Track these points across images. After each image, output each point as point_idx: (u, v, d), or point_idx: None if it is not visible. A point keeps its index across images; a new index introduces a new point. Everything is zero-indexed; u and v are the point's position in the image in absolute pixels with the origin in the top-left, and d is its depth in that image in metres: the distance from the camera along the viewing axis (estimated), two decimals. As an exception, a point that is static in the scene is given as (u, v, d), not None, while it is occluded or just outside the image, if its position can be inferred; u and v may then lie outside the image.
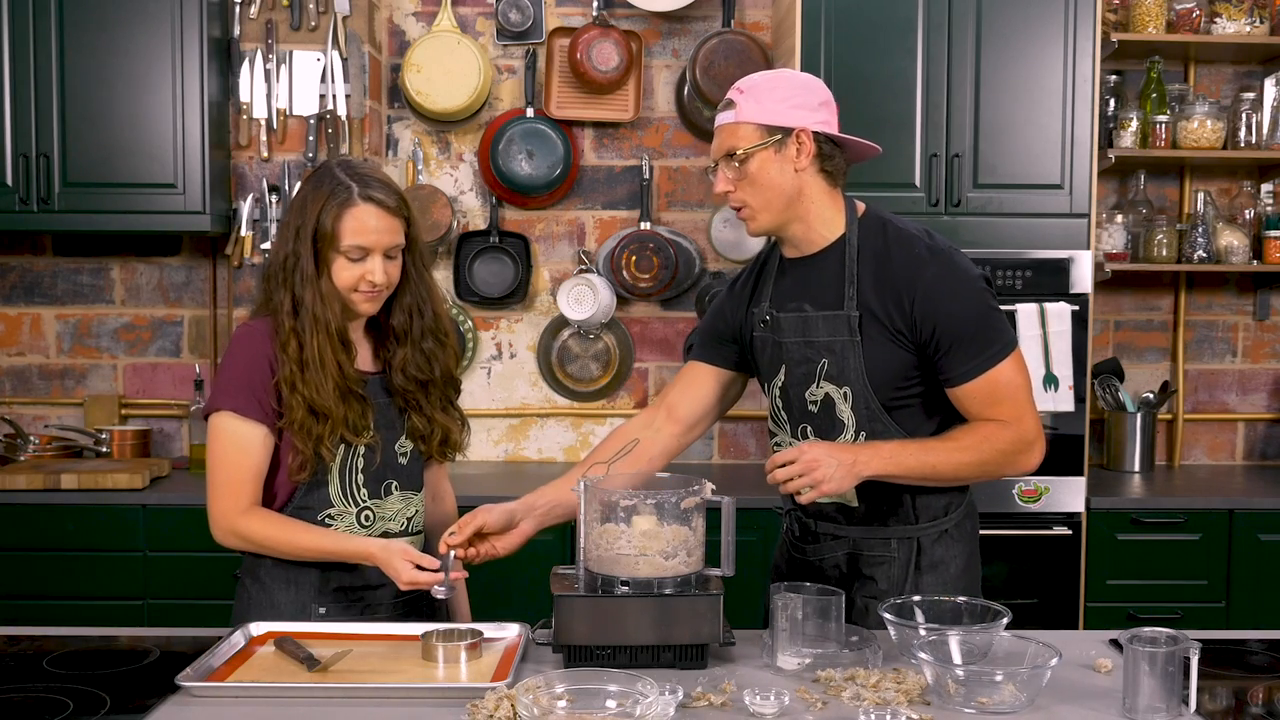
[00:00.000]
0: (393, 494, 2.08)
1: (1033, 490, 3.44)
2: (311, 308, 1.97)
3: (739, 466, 4.01)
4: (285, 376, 1.97)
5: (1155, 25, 3.66)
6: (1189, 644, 1.61)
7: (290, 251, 1.98)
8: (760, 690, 1.63)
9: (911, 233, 2.03)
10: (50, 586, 3.37)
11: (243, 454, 1.99)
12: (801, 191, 2.01)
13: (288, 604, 2.04)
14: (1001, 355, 1.97)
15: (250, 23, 3.73)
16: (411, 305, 2.08)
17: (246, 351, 2.01)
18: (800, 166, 1.99)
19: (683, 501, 1.85)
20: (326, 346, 1.97)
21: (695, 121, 3.97)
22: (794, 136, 1.98)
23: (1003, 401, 1.97)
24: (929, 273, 1.96)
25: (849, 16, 3.39)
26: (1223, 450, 4.10)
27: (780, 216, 2.02)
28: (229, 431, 1.99)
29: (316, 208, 1.97)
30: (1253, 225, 3.82)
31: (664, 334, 4.04)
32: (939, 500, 2.06)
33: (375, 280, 1.98)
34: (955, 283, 1.97)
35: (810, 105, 1.99)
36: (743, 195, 2.01)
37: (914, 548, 2.05)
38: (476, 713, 1.56)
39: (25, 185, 3.52)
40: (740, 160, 1.98)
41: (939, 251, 1.99)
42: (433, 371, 2.10)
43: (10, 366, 4.00)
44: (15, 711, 1.64)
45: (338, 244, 1.96)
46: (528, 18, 3.93)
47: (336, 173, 2.00)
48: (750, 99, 1.98)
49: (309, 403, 1.95)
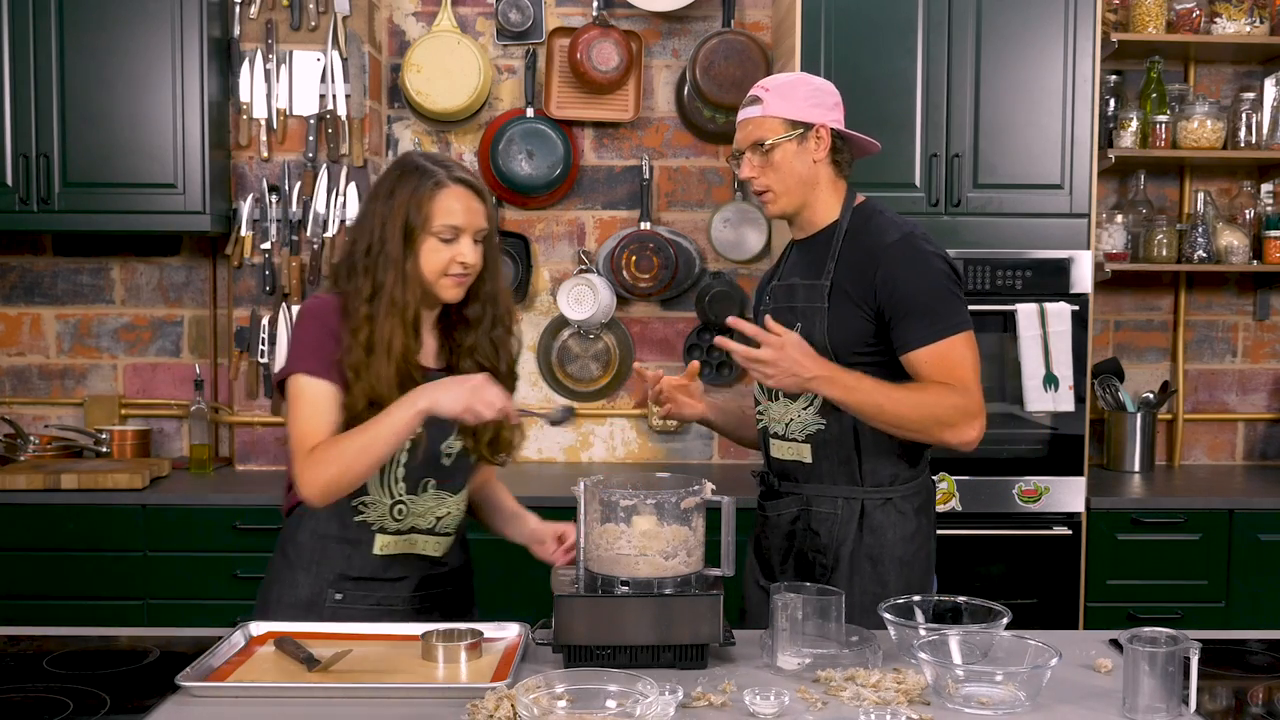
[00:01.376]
0: (428, 491, 2.07)
1: (1033, 490, 3.44)
2: (390, 291, 1.97)
3: (739, 466, 4.01)
4: (350, 362, 1.97)
5: (1155, 25, 3.66)
6: (1189, 644, 1.61)
7: (376, 239, 1.99)
8: (760, 690, 1.63)
9: (891, 220, 2.25)
10: (50, 586, 3.37)
11: (313, 409, 1.97)
12: (816, 180, 2.25)
13: (306, 584, 2.05)
14: (953, 331, 2.14)
15: (250, 23, 3.73)
16: (488, 294, 2.10)
17: (316, 320, 2.02)
18: (817, 158, 2.24)
19: (683, 501, 1.85)
20: (398, 330, 1.97)
21: (695, 121, 3.97)
22: (814, 131, 2.22)
23: (952, 371, 2.13)
24: (893, 249, 2.17)
25: (849, 16, 3.39)
26: (1223, 450, 4.10)
27: (797, 201, 2.27)
28: (303, 393, 1.98)
29: (407, 193, 1.98)
30: (1253, 225, 3.82)
31: (664, 334, 4.04)
32: (885, 469, 2.22)
33: (467, 260, 1.99)
34: (914, 259, 2.16)
35: (827, 105, 2.25)
36: (766, 180, 2.25)
37: (858, 509, 2.21)
38: (476, 713, 1.56)
39: (25, 185, 3.52)
40: (767, 150, 2.22)
41: (909, 235, 2.20)
42: (498, 360, 2.11)
43: (10, 366, 4.00)
44: (15, 711, 1.64)
45: (430, 225, 1.98)
46: (528, 18, 3.93)
47: (421, 161, 2.03)
48: (776, 96, 2.23)
49: (371, 394, 1.95)
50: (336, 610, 2.04)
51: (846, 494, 2.22)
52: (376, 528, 2.05)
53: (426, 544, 2.09)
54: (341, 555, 2.05)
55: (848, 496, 2.22)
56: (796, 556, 2.26)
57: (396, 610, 2.05)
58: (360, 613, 2.04)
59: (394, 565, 2.06)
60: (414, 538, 2.08)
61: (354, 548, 2.05)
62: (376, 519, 2.05)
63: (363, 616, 2.03)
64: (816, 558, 2.22)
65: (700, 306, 3.95)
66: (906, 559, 2.21)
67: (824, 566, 2.21)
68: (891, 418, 2.11)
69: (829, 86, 2.28)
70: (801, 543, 2.25)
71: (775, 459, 2.31)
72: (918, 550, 2.24)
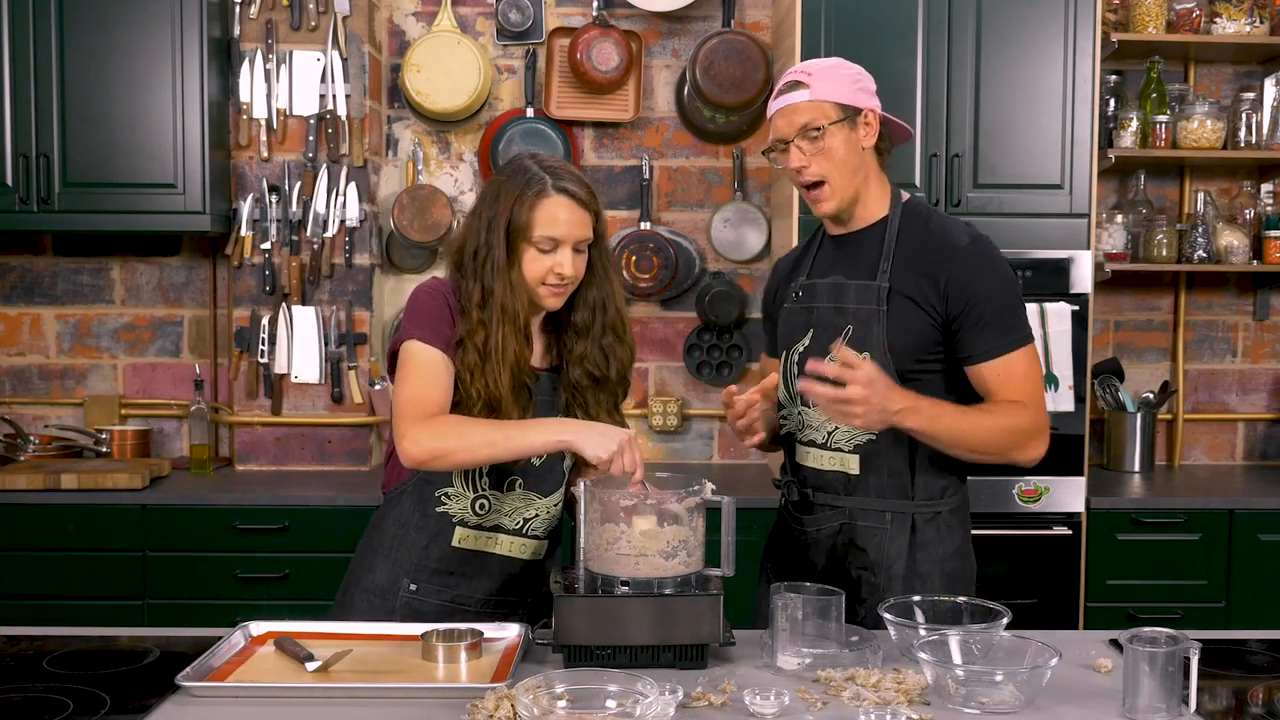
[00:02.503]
0: (515, 490, 2.06)
1: (1033, 490, 3.43)
2: (500, 298, 1.97)
3: (739, 466, 4.01)
4: (467, 364, 1.97)
5: (1155, 25, 3.66)
6: (1189, 644, 1.61)
7: (483, 242, 1.99)
8: (760, 690, 1.63)
9: (954, 221, 2.16)
10: (50, 586, 3.37)
11: (428, 374, 1.96)
12: (866, 169, 2.13)
13: (384, 570, 2.05)
14: (1022, 343, 2.05)
15: (250, 23, 3.73)
16: (596, 300, 2.07)
17: (433, 298, 2.02)
18: (866, 145, 2.11)
19: (683, 501, 1.85)
20: (511, 338, 1.97)
21: (695, 121, 3.97)
22: (863, 116, 2.10)
23: (1022, 385, 2.03)
24: (967, 252, 2.06)
25: (849, 16, 3.39)
26: (1223, 450, 4.10)
27: (850, 192, 2.12)
28: (419, 358, 1.97)
29: (511, 199, 1.97)
30: (1253, 225, 3.82)
31: (664, 334, 4.04)
32: (937, 482, 2.11)
33: (564, 273, 1.98)
34: (991, 265, 2.07)
35: (870, 90, 2.14)
36: (820, 169, 2.09)
37: (909, 524, 2.10)
38: (476, 713, 1.56)
39: (25, 185, 3.52)
40: (818, 136, 2.07)
41: (979, 238, 2.10)
42: (609, 369, 2.08)
43: (10, 366, 4.00)
44: (15, 711, 1.64)
45: (530, 234, 1.97)
46: (528, 18, 3.93)
47: (529, 165, 2.01)
48: (821, 80, 2.08)
49: (487, 396, 1.95)
50: (409, 601, 2.04)
51: (896, 508, 2.09)
52: (457, 520, 2.04)
53: (511, 545, 2.07)
54: (419, 544, 2.05)
55: (897, 511, 2.09)
56: (837, 573, 2.11)
57: (469, 611, 2.03)
58: (432, 608, 2.04)
59: (471, 561, 2.04)
60: (497, 536, 2.06)
61: (433, 538, 2.05)
62: (458, 511, 2.04)
63: (434, 613, 2.02)
64: (864, 575, 2.10)
65: (700, 306, 3.95)
66: (953, 574, 2.12)
67: (873, 585, 2.09)
68: (971, 443, 2.00)
69: (865, 71, 2.16)
70: (845, 560, 2.12)
71: (811, 469, 2.17)
72: (964, 564, 2.15)
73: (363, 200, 3.75)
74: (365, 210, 3.76)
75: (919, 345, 2.06)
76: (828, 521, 2.15)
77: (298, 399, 3.80)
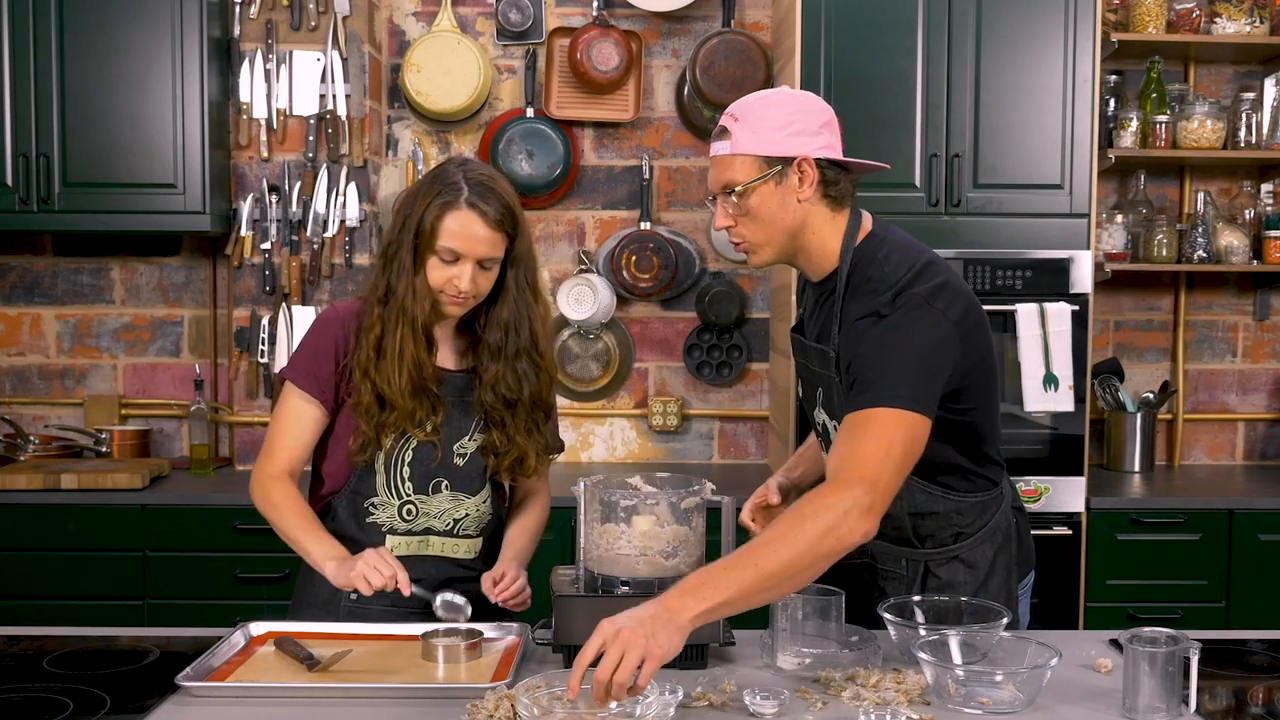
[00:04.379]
0: (442, 492, 2.06)
1: (1033, 490, 3.43)
2: (402, 299, 1.98)
3: (739, 467, 4.01)
4: (360, 360, 1.99)
5: (1155, 25, 3.66)
6: (1189, 644, 1.61)
7: (394, 240, 2.01)
8: (760, 690, 1.63)
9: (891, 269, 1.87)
10: (50, 586, 3.37)
11: (289, 421, 2.05)
12: (805, 223, 1.89)
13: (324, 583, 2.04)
14: (890, 402, 1.73)
15: (250, 23, 3.73)
16: (509, 322, 2.05)
17: (320, 335, 2.06)
18: (803, 197, 1.87)
19: (683, 501, 1.85)
20: (409, 340, 1.98)
21: (695, 121, 3.97)
22: (795, 166, 1.85)
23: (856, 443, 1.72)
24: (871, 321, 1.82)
25: (849, 16, 3.39)
26: (1223, 450, 4.10)
27: (783, 250, 1.92)
28: (284, 399, 2.07)
29: (424, 203, 1.97)
30: (1253, 225, 3.82)
31: (664, 334, 4.04)
32: (945, 530, 1.98)
33: (461, 288, 1.97)
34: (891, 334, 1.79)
35: (810, 129, 1.86)
36: (743, 231, 1.90)
37: (921, 569, 2.01)
38: (476, 713, 1.56)
39: (25, 185, 3.52)
40: (739, 195, 1.86)
41: (899, 307, 1.82)
42: (522, 392, 2.06)
43: (10, 366, 4.00)
44: (15, 711, 1.64)
45: (433, 243, 1.96)
46: (528, 18, 3.93)
47: (452, 173, 2.00)
48: (745, 128, 1.85)
49: (378, 390, 1.98)
50: (352, 610, 2.04)
51: (908, 555, 2.00)
52: (386, 529, 2.05)
53: (444, 545, 2.08)
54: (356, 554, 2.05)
55: (910, 558, 2.00)
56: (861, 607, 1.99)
57: (414, 611, 2.03)
58: (375, 613, 2.03)
59: (409, 567, 2.02)
60: (429, 539, 2.07)
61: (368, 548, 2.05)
62: (386, 520, 2.05)
63: (378, 616, 2.02)
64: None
65: (700, 306, 3.95)
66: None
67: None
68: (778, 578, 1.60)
69: (815, 103, 1.90)
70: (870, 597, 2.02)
71: None
72: (997, 592, 2.00)
73: (363, 200, 3.75)
74: (365, 210, 3.76)
75: None
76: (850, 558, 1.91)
77: (298, 399, 3.79)
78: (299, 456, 2.06)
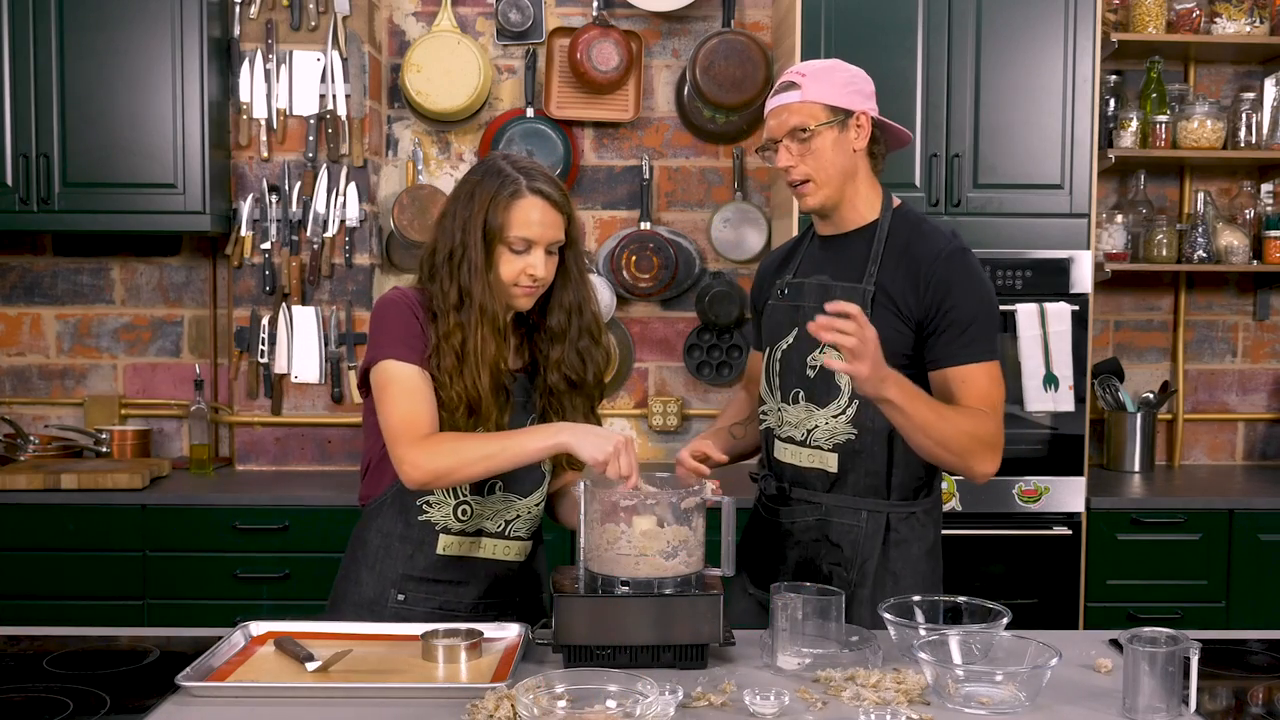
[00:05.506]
0: (495, 493, 2.06)
1: (1033, 490, 3.44)
2: (480, 299, 1.96)
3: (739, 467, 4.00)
4: (445, 367, 1.96)
5: (1155, 25, 3.66)
6: (1189, 644, 1.61)
7: (458, 244, 1.98)
8: (760, 690, 1.63)
9: (942, 229, 2.16)
10: (50, 586, 3.37)
11: (410, 392, 1.95)
12: (855, 171, 2.14)
13: (370, 583, 2.05)
14: (988, 356, 2.07)
15: (250, 23, 3.73)
16: (571, 304, 2.07)
17: (399, 310, 2.00)
18: (858, 147, 2.13)
19: (683, 501, 1.85)
20: (490, 339, 1.97)
21: (695, 121, 3.97)
22: (854, 119, 2.12)
23: (987, 396, 2.05)
24: (950, 261, 2.08)
25: (849, 16, 3.39)
26: (1223, 450, 4.10)
27: (835, 193, 2.14)
28: (394, 376, 1.96)
29: (486, 199, 1.97)
30: (1253, 225, 3.82)
31: (664, 334, 4.04)
32: (912, 481, 2.13)
33: (536, 274, 1.97)
34: (969, 276, 2.08)
35: (865, 92, 2.15)
36: (806, 169, 2.12)
37: (884, 522, 2.11)
38: (476, 713, 1.56)
39: (25, 185, 3.52)
40: (806, 137, 2.09)
41: (961, 250, 2.11)
42: (586, 372, 2.07)
43: (10, 366, 4.00)
44: (15, 711, 1.64)
45: (505, 235, 1.96)
46: (528, 18, 3.93)
47: (503, 165, 2.00)
48: (814, 81, 2.11)
49: (467, 398, 1.95)
50: (399, 611, 2.03)
51: (871, 507, 2.12)
52: (440, 528, 2.04)
53: (495, 547, 2.07)
54: (404, 554, 2.05)
55: (872, 510, 2.12)
56: (809, 568, 2.15)
57: (459, 616, 2.03)
58: (421, 615, 2.03)
59: (457, 567, 2.04)
60: (480, 540, 2.06)
61: (417, 547, 2.04)
62: (441, 519, 2.04)
63: (422, 619, 2.01)
64: (835, 570, 2.13)
65: (700, 306, 3.95)
66: (926, 573, 2.14)
67: (845, 580, 2.10)
68: (937, 435, 1.98)
69: (864, 74, 2.17)
70: (818, 555, 2.15)
71: (788, 464, 2.19)
72: (935, 564, 2.17)
73: (363, 200, 3.75)
74: (365, 210, 3.76)
75: (895, 350, 2.02)
76: (803, 516, 2.17)
77: (298, 399, 3.80)
78: (435, 417, 1.96)
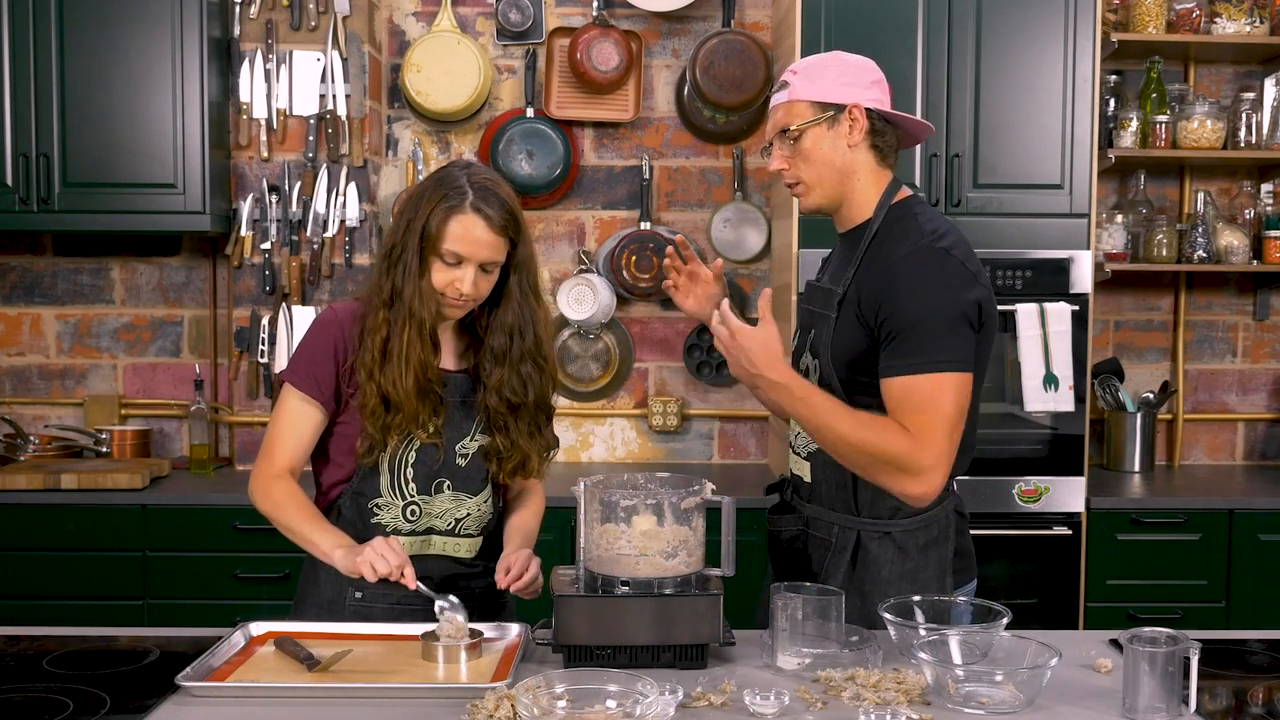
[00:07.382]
0: (443, 493, 2.07)
1: (1033, 490, 3.44)
2: (409, 302, 1.99)
3: (739, 467, 4.01)
4: (365, 362, 2.00)
5: (1155, 25, 3.66)
6: (1189, 644, 1.61)
7: (398, 242, 2.01)
8: (760, 690, 1.63)
9: (923, 227, 1.99)
10: (50, 586, 3.37)
11: (289, 422, 2.05)
12: (853, 170, 2.04)
13: (328, 583, 2.06)
14: (935, 368, 1.88)
15: (250, 23, 3.73)
16: (513, 326, 2.07)
17: (318, 337, 2.06)
18: (853, 142, 2.02)
19: (683, 501, 1.85)
20: (415, 343, 1.99)
21: (695, 121, 3.97)
22: (846, 113, 2.00)
23: (915, 414, 1.88)
24: (909, 260, 1.94)
25: (849, 16, 3.39)
26: (1223, 450, 4.10)
27: (832, 193, 2.05)
28: (283, 401, 2.07)
29: (429, 206, 1.98)
30: (1253, 225, 3.82)
31: (664, 334, 4.04)
32: (885, 500, 2.00)
33: (463, 290, 1.98)
34: (922, 278, 1.92)
35: (862, 83, 2.02)
36: (796, 171, 2.05)
37: (853, 539, 2.03)
38: (476, 713, 1.56)
39: (25, 185, 3.52)
40: (794, 137, 2.02)
41: (931, 251, 1.95)
42: (526, 395, 2.08)
43: (10, 366, 4.00)
44: (15, 711, 1.64)
45: (437, 246, 1.97)
46: (528, 18, 3.93)
47: (457, 176, 2.01)
48: (803, 78, 2.03)
49: (383, 392, 1.98)
50: (357, 609, 2.04)
51: (843, 522, 2.04)
52: (390, 529, 2.05)
53: (445, 545, 2.09)
54: None
55: (843, 525, 2.04)
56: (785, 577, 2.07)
57: (418, 610, 2.02)
58: (380, 611, 2.04)
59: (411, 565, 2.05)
60: (431, 539, 2.08)
61: None
62: (390, 520, 2.05)
63: (383, 615, 2.03)
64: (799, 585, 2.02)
65: (700, 306, 3.94)
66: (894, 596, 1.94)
67: None
68: (831, 443, 1.91)
69: (867, 63, 2.05)
70: (795, 564, 2.12)
71: (791, 470, 2.17)
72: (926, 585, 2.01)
73: (363, 200, 3.75)
74: (365, 210, 3.76)
75: (853, 356, 1.98)
76: (789, 525, 2.15)
77: (298, 399, 3.79)
78: (299, 457, 2.07)
